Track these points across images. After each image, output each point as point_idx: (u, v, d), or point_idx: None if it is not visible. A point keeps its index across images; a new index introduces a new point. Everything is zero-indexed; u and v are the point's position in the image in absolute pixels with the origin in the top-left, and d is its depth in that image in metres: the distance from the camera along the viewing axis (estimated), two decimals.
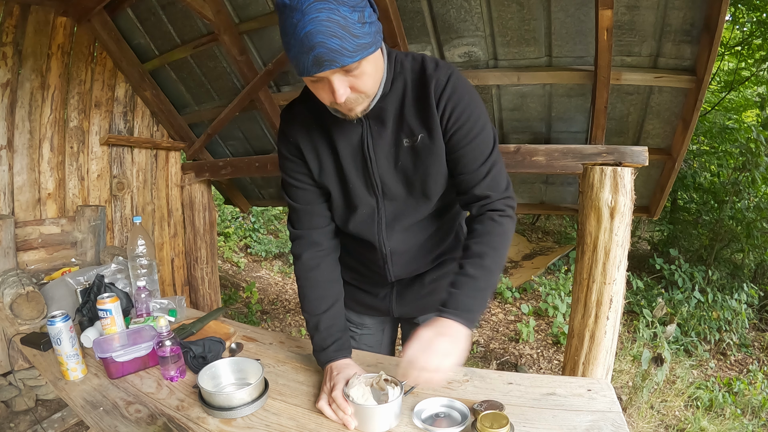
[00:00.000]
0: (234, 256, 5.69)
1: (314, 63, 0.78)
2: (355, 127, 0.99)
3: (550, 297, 4.37)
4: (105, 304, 1.26)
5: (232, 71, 2.62)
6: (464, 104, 0.95)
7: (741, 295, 4.29)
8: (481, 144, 0.98)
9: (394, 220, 1.07)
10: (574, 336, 1.96)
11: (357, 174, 1.03)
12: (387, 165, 1.01)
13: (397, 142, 0.99)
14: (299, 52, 0.78)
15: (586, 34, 1.79)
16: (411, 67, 0.97)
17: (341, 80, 0.82)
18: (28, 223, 2.35)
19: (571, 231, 7.55)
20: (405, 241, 1.10)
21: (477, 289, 0.94)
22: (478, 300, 0.95)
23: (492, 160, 0.99)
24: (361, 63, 0.82)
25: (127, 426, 0.94)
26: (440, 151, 0.98)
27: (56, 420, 2.26)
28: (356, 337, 1.37)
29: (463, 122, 0.95)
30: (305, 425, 0.91)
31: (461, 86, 0.95)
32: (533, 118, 2.19)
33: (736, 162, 5.13)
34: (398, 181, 1.03)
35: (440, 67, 0.96)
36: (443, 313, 0.92)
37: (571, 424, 0.86)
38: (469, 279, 0.94)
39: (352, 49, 0.78)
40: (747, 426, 2.79)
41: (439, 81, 0.94)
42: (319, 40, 0.75)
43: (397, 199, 1.05)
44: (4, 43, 2.23)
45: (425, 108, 0.96)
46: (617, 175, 1.78)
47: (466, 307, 0.92)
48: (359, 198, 1.05)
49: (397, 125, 0.98)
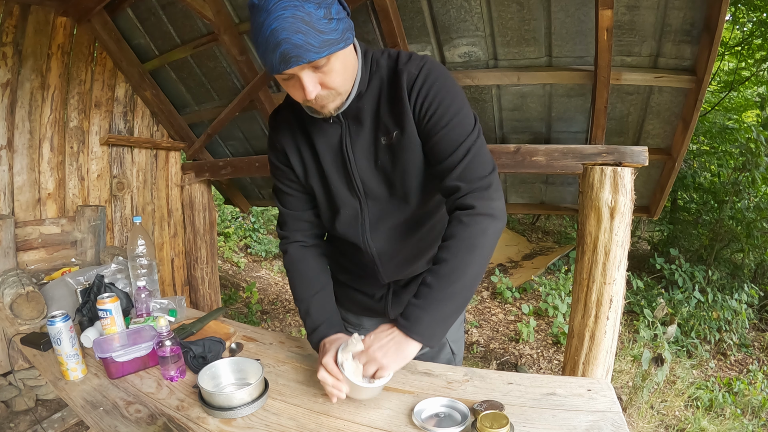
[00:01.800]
0: (234, 256, 5.69)
1: (281, 60, 0.79)
2: (334, 128, 0.99)
3: (550, 297, 4.37)
4: (105, 304, 1.26)
5: (232, 71, 2.62)
6: (434, 91, 0.92)
7: (741, 295, 4.29)
8: (454, 130, 0.93)
9: (378, 221, 1.06)
10: (574, 336, 1.96)
11: (338, 175, 1.03)
12: (367, 165, 1.00)
13: (375, 141, 0.98)
14: (266, 50, 0.79)
15: (586, 34, 1.79)
16: (386, 65, 0.96)
17: (310, 76, 0.83)
18: (28, 223, 2.35)
19: (571, 231, 7.55)
20: (391, 242, 1.09)
21: (432, 299, 0.90)
22: (433, 311, 0.90)
23: (466, 146, 0.93)
24: (330, 59, 0.82)
25: (127, 426, 0.94)
26: (415, 146, 0.96)
27: (56, 420, 2.26)
28: None
29: (433, 110, 0.92)
30: (305, 425, 0.91)
31: (433, 75, 0.93)
32: (533, 118, 2.19)
33: (736, 162, 5.13)
34: (380, 181, 1.02)
35: (412, 60, 0.94)
36: (397, 323, 0.92)
37: (571, 424, 0.86)
38: (424, 288, 0.91)
39: (318, 45, 0.78)
40: (747, 426, 2.79)
41: (410, 74, 0.93)
42: (284, 36, 0.76)
43: (380, 200, 1.04)
44: (4, 43, 2.23)
45: (398, 104, 0.94)
46: (617, 175, 1.78)
47: (415, 318, 0.90)
48: (342, 199, 1.05)
49: (374, 124, 0.98)
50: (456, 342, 1.34)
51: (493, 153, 2.03)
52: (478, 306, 4.66)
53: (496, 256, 6.22)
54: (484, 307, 4.65)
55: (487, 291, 5.03)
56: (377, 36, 2.04)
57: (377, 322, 1.35)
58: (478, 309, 4.60)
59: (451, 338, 1.32)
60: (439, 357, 1.31)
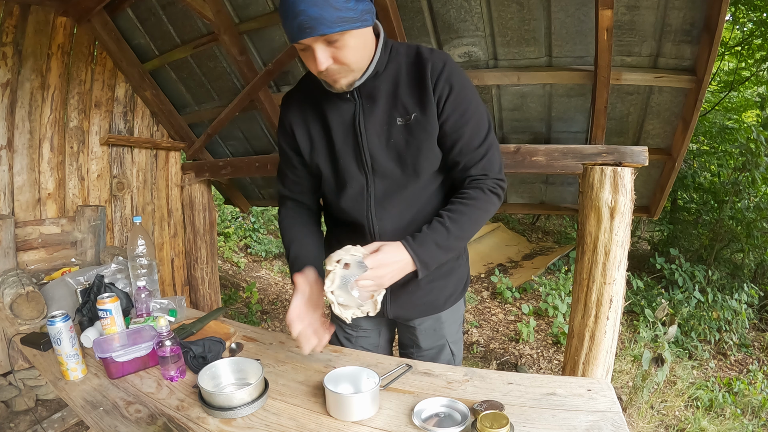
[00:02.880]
0: (234, 256, 5.69)
1: (298, 29, 0.86)
2: (348, 105, 1.05)
3: (550, 297, 4.37)
4: (105, 304, 1.26)
5: (232, 71, 2.62)
6: (459, 87, 1.01)
7: (741, 295, 4.29)
8: (477, 125, 1.04)
9: (383, 198, 1.11)
10: (574, 336, 1.96)
11: (347, 150, 1.08)
12: (378, 142, 1.05)
13: (390, 120, 1.04)
14: (287, 19, 0.87)
15: (586, 34, 1.79)
16: (406, 53, 1.04)
17: (323, 50, 0.90)
18: (28, 223, 2.35)
19: (571, 231, 7.56)
20: (394, 222, 1.13)
21: (444, 235, 1.01)
22: (440, 243, 1.01)
23: (489, 142, 1.05)
24: (344, 35, 0.88)
25: (127, 426, 0.94)
26: (433, 129, 1.03)
27: (56, 420, 2.26)
28: (352, 339, 1.36)
29: (458, 103, 1.01)
30: (305, 425, 0.91)
31: (456, 71, 1.02)
32: (533, 118, 2.19)
33: (736, 162, 5.13)
34: (390, 159, 1.07)
35: (435, 53, 1.03)
36: (405, 241, 0.99)
37: (571, 424, 0.86)
38: (440, 224, 1.01)
39: (332, 20, 0.85)
40: (747, 426, 2.79)
41: (435, 64, 1.00)
42: (302, 8, 0.83)
43: (388, 176, 1.08)
44: (4, 43, 2.23)
45: (421, 88, 1.01)
46: (617, 175, 1.78)
47: (427, 249, 0.99)
48: (349, 174, 1.09)
49: (390, 104, 1.03)
50: (455, 343, 1.34)
51: None
52: (478, 306, 4.66)
53: (496, 256, 6.22)
54: (484, 307, 4.65)
55: (487, 291, 5.03)
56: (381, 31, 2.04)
57: (376, 322, 1.35)
58: (478, 309, 4.60)
59: (451, 339, 1.32)
60: (439, 358, 1.31)
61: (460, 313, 1.35)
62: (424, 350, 1.32)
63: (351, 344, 1.36)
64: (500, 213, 4.36)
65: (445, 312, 1.28)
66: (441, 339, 1.31)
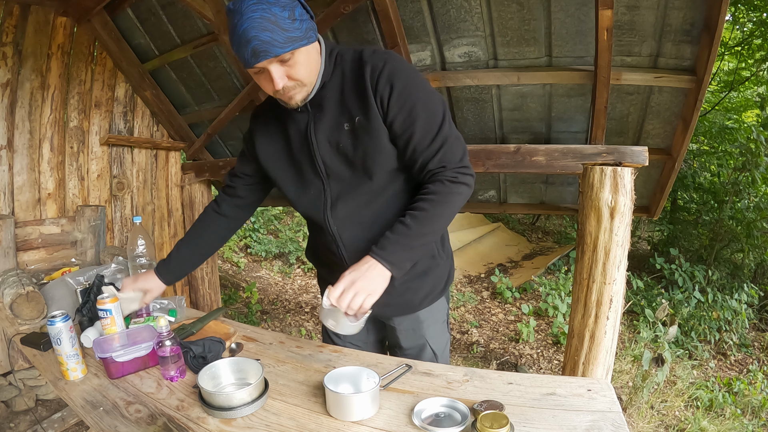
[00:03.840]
0: (234, 256, 5.69)
1: (252, 54, 0.92)
2: (302, 116, 1.11)
3: (550, 297, 4.37)
4: (105, 304, 1.26)
5: (232, 71, 2.62)
6: (402, 85, 1.01)
7: (741, 295, 4.29)
8: (427, 121, 1.03)
9: (337, 198, 1.15)
10: (574, 336, 1.96)
11: (304, 158, 1.14)
12: (328, 147, 1.10)
13: (338, 126, 1.08)
14: (240, 46, 0.92)
15: (586, 34, 1.79)
16: (350, 58, 1.07)
17: (278, 69, 0.96)
18: (28, 223, 2.35)
19: (571, 231, 7.56)
20: (350, 219, 1.16)
21: (408, 235, 1.03)
22: (404, 244, 1.03)
23: (443, 135, 1.04)
24: (294, 54, 0.95)
25: (127, 426, 0.94)
26: (377, 131, 1.04)
27: (56, 420, 2.26)
28: (341, 335, 1.38)
29: (402, 103, 1.01)
30: (305, 425, 0.91)
31: (398, 69, 1.02)
32: (533, 118, 2.19)
33: (736, 162, 5.13)
34: (340, 162, 1.11)
35: (376, 54, 1.04)
36: (372, 252, 1.03)
37: (571, 424, 0.86)
38: (402, 226, 1.03)
39: (283, 41, 0.91)
40: (747, 426, 2.79)
41: (374, 66, 1.02)
42: (254, 34, 0.89)
43: (341, 179, 1.13)
44: (4, 43, 2.23)
45: (361, 92, 1.03)
46: (617, 175, 1.78)
47: (389, 248, 1.02)
48: (307, 180, 1.16)
49: (337, 111, 1.07)
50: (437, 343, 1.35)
51: (493, 153, 2.04)
52: (478, 306, 4.66)
53: (496, 256, 6.22)
54: (484, 307, 4.65)
55: (487, 291, 5.03)
56: (377, 36, 2.04)
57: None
58: (478, 309, 4.60)
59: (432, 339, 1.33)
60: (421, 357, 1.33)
61: (441, 312, 1.35)
62: (405, 350, 1.35)
63: (340, 340, 1.40)
64: (500, 213, 4.35)
65: (423, 311, 1.29)
66: (420, 339, 1.33)
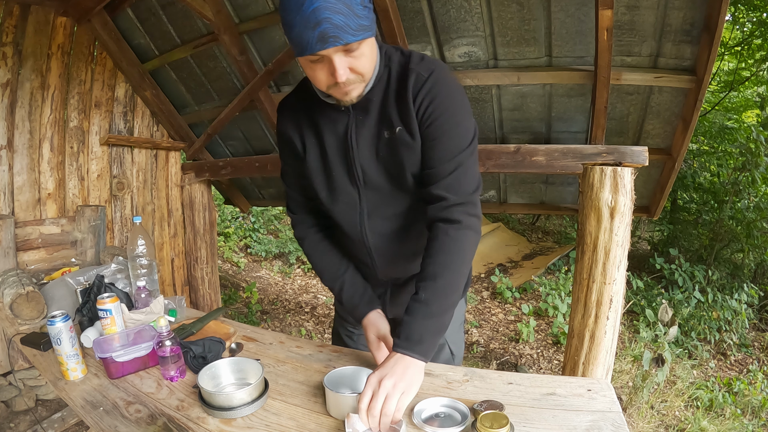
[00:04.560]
0: (234, 256, 5.69)
1: (319, 39, 0.79)
2: (341, 117, 1.01)
3: (550, 297, 4.37)
4: (105, 304, 1.26)
5: (232, 71, 2.62)
6: (440, 99, 0.94)
7: (741, 295, 4.29)
8: (450, 141, 0.96)
9: (374, 210, 1.08)
10: (574, 336, 1.96)
11: (340, 162, 1.04)
12: (369, 155, 1.02)
13: (378, 133, 1.00)
14: (304, 28, 0.79)
15: (586, 34, 1.79)
16: (398, 60, 0.98)
17: (342, 60, 0.84)
18: (28, 223, 2.35)
19: (571, 231, 7.55)
20: (386, 233, 1.11)
21: (429, 315, 0.92)
22: (429, 327, 0.93)
23: (459, 160, 0.96)
24: (362, 44, 0.84)
25: (127, 426, 0.94)
26: (415, 144, 0.98)
27: (56, 420, 2.26)
28: (353, 337, 1.37)
29: (435, 117, 0.95)
30: (305, 425, 0.91)
31: (442, 82, 0.95)
32: (533, 118, 2.19)
33: (736, 162, 5.13)
34: (379, 172, 1.03)
35: (424, 62, 0.97)
36: (396, 347, 0.91)
37: (571, 424, 0.86)
38: (421, 305, 0.93)
39: (355, 28, 0.80)
40: (747, 426, 2.79)
41: (419, 76, 0.95)
42: (326, 15, 0.77)
43: (379, 190, 1.05)
44: (4, 43, 2.23)
45: (403, 101, 0.96)
46: (617, 175, 1.78)
47: (416, 337, 0.91)
48: (341, 187, 1.07)
49: (379, 117, 1.00)
50: (455, 343, 1.33)
51: (493, 153, 2.04)
52: (478, 306, 4.66)
53: (496, 256, 6.22)
54: (484, 307, 4.65)
55: (487, 291, 5.02)
56: (377, 36, 2.04)
57: None
58: (478, 309, 4.60)
59: (450, 339, 1.32)
60: (438, 357, 1.31)
61: (460, 313, 1.34)
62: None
63: (353, 342, 1.37)
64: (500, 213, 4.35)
65: None
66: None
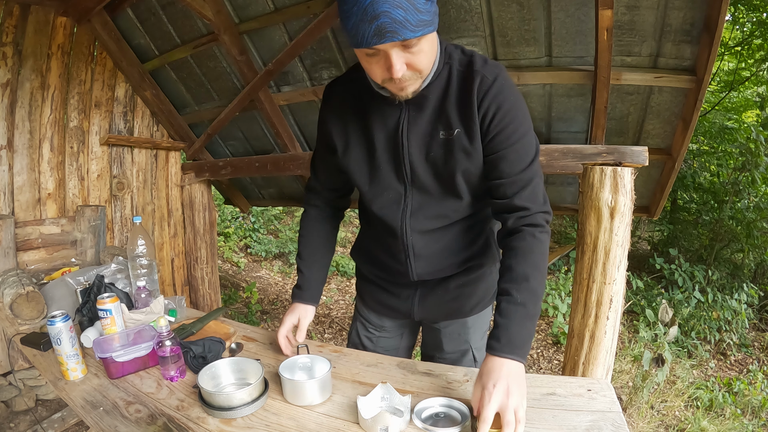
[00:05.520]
0: (234, 256, 5.69)
1: (375, 33, 0.76)
2: (393, 111, 0.98)
3: (550, 297, 4.37)
4: (105, 304, 1.26)
5: (232, 71, 2.62)
6: (508, 106, 0.92)
7: (741, 295, 4.29)
8: (522, 149, 0.95)
9: (419, 209, 1.06)
10: (574, 336, 1.96)
11: (388, 158, 1.02)
12: (418, 153, 1.00)
13: (432, 132, 0.97)
14: (361, 20, 0.76)
15: (586, 34, 1.79)
16: (459, 59, 0.95)
17: (399, 55, 0.81)
18: (28, 223, 2.35)
19: (571, 231, 7.55)
20: (428, 233, 1.08)
21: (527, 317, 0.90)
22: (528, 329, 0.90)
23: (533, 169, 0.96)
24: (421, 40, 0.81)
25: (127, 426, 0.94)
26: (474, 150, 0.96)
27: (56, 420, 2.26)
28: (373, 339, 1.35)
29: (505, 124, 0.93)
30: (305, 425, 0.91)
31: (507, 88, 0.93)
32: (533, 118, 2.19)
33: (736, 162, 5.13)
34: (428, 172, 1.01)
35: (488, 65, 0.94)
36: (497, 352, 0.87)
37: (571, 424, 0.86)
38: (518, 307, 0.90)
39: (415, 23, 0.77)
40: (747, 426, 2.79)
41: (484, 79, 0.92)
42: (385, 9, 0.74)
43: (426, 189, 1.03)
44: (4, 43, 2.23)
45: (466, 103, 0.93)
46: (617, 175, 1.78)
47: (519, 341, 0.88)
48: (387, 182, 1.04)
49: (435, 115, 0.97)
50: (479, 350, 1.30)
51: None
52: None
53: None
54: None
55: None
56: None
57: (400, 324, 1.33)
58: None
59: (475, 346, 1.30)
60: (461, 362, 1.29)
61: (487, 320, 1.32)
62: (446, 353, 1.29)
63: (372, 344, 1.35)
64: None
65: (471, 318, 1.26)
66: (465, 344, 1.28)
